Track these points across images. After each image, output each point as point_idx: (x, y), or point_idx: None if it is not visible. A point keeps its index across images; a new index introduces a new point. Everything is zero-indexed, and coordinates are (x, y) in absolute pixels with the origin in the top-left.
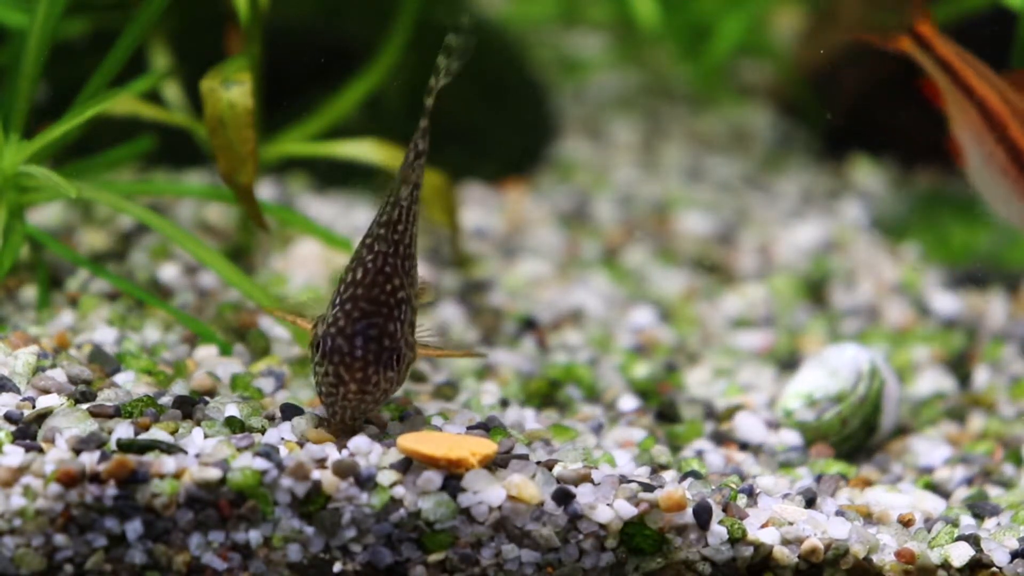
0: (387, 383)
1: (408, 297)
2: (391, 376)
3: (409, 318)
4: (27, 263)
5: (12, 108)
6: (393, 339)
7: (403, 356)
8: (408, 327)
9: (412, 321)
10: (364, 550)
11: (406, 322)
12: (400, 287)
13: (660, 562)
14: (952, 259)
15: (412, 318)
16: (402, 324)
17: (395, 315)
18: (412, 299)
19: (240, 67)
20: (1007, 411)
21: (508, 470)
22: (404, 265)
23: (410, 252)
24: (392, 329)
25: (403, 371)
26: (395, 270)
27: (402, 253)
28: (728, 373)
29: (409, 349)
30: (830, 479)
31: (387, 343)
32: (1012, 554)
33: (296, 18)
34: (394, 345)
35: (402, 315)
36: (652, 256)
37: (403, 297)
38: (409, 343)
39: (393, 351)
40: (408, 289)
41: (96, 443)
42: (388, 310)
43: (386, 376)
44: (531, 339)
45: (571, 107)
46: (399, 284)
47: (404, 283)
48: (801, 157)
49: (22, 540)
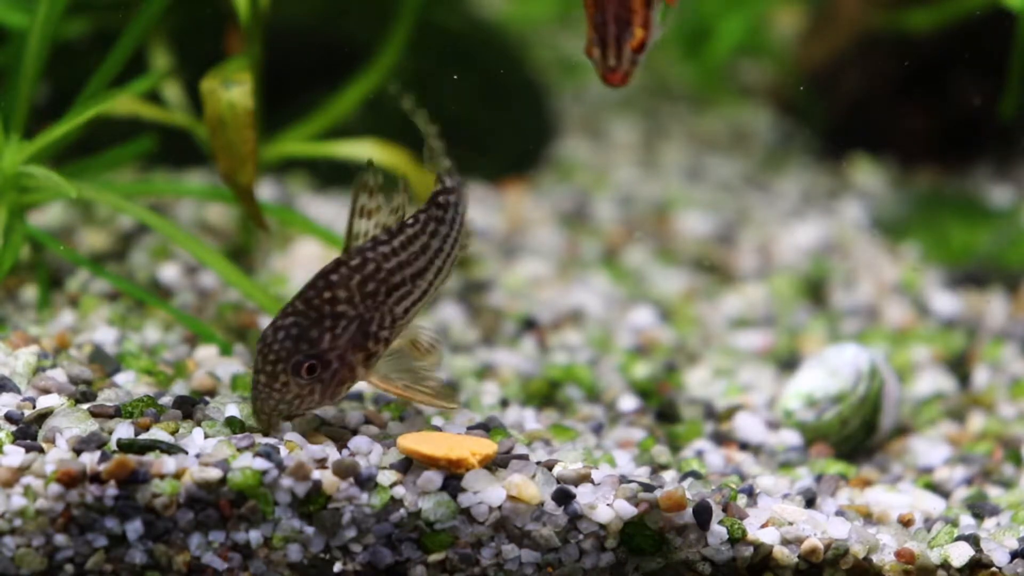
0: (299, 389)
1: (363, 320)
2: (303, 384)
3: (361, 342)
4: (27, 263)
5: (12, 108)
6: (313, 346)
7: (329, 370)
8: (357, 350)
9: (369, 349)
10: (364, 550)
11: (345, 339)
12: (344, 301)
13: (660, 562)
14: (952, 259)
15: (370, 346)
16: (336, 338)
17: (326, 325)
18: (378, 328)
19: (240, 67)
20: (1007, 411)
21: (508, 470)
22: (371, 288)
23: (394, 283)
24: (315, 336)
25: (330, 388)
26: (343, 282)
27: (370, 274)
28: (728, 373)
29: (348, 370)
30: (830, 479)
31: (303, 347)
32: (1012, 554)
33: (296, 18)
34: (312, 352)
35: (339, 330)
36: (652, 256)
37: (345, 312)
38: (348, 363)
39: (310, 358)
40: (370, 314)
41: (96, 443)
42: (318, 316)
43: (296, 381)
44: (531, 339)
45: (571, 107)
46: (344, 297)
47: (356, 302)
48: (801, 157)
49: (23, 540)
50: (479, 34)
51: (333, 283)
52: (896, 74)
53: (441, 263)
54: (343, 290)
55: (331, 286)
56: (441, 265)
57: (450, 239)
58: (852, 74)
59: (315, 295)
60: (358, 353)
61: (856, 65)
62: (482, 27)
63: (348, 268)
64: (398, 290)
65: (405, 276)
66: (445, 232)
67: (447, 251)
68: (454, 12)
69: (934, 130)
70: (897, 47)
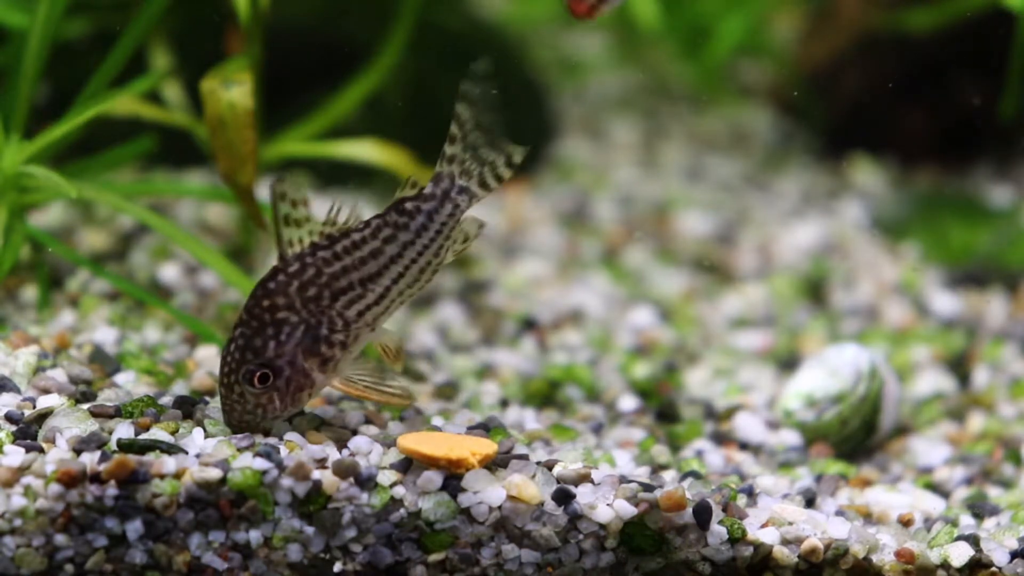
0: (256, 399)
1: (309, 325)
2: (258, 393)
3: (312, 347)
4: (27, 263)
5: (12, 108)
6: (257, 355)
7: (281, 378)
8: (309, 355)
9: (323, 354)
10: (364, 550)
11: (291, 345)
12: (284, 307)
13: (660, 562)
14: (952, 259)
15: (324, 350)
16: (280, 344)
17: (268, 333)
18: (330, 332)
19: (240, 67)
20: (1007, 411)
21: (508, 470)
22: (312, 293)
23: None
24: (259, 345)
25: (289, 395)
26: (281, 288)
27: (309, 279)
28: (728, 373)
29: (302, 376)
30: (830, 479)
31: (249, 357)
32: (1012, 554)
33: (296, 18)
34: (259, 361)
35: (283, 336)
36: (652, 256)
37: (287, 319)
38: (301, 369)
39: (258, 367)
40: (316, 319)
41: (97, 443)
42: (260, 325)
43: (250, 391)
44: (531, 339)
45: (571, 107)
46: (284, 304)
47: (297, 307)
48: (801, 157)
49: (23, 540)
50: (479, 34)
51: (271, 291)
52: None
53: (402, 269)
54: (281, 297)
55: (269, 294)
56: (402, 271)
57: (415, 246)
58: (852, 74)
59: (255, 304)
60: (311, 359)
61: (856, 65)
62: (482, 27)
63: (285, 275)
64: (345, 294)
65: (353, 280)
66: (407, 239)
67: (411, 257)
68: (454, 12)
69: (934, 130)
70: (897, 47)
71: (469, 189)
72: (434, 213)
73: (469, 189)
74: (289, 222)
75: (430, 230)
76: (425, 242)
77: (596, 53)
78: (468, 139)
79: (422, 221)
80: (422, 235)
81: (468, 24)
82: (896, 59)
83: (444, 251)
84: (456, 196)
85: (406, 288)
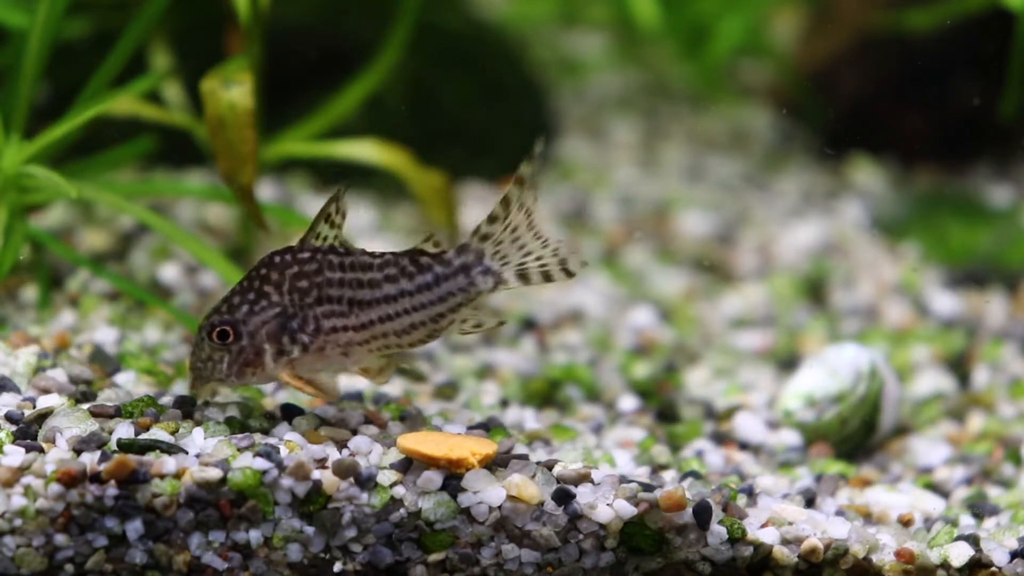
0: (210, 351)
1: (286, 311)
2: (213, 348)
3: (277, 334)
4: (27, 263)
5: (13, 108)
6: (230, 312)
7: (237, 343)
8: (271, 340)
9: (283, 345)
10: (364, 550)
11: (260, 319)
12: (273, 283)
13: (660, 562)
14: (952, 259)
15: (285, 342)
16: (252, 313)
17: (249, 297)
18: (299, 329)
19: (240, 67)
20: (1007, 411)
21: (508, 470)
22: (303, 285)
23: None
24: (235, 303)
25: (236, 364)
26: (282, 266)
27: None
28: (728, 373)
29: (255, 353)
30: (830, 479)
31: (223, 310)
32: (1011, 554)
33: (296, 18)
34: (225, 319)
35: (258, 308)
36: (652, 256)
37: (270, 295)
38: (257, 346)
39: (222, 323)
40: (294, 310)
41: (97, 443)
42: (246, 288)
43: (208, 343)
44: (531, 339)
45: (571, 107)
46: (275, 280)
47: (284, 290)
48: (801, 157)
49: (23, 540)
50: (479, 34)
51: (272, 263)
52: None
53: (392, 312)
54: (276, 273)
55: (269, 265)
56: (391, 314)
57: (412, 299)
58: (852, 74)
59: (256, 268)
60: (271, 343)
61: (856, 65)
62: (482, 27)
63: (292, 256)
64: (331, 303)
65: (344, 296)
66: (407, 288)
67: (404, 307)
68: (454, 12)
69: (934, 130)
70: (897, 47)
71: (499, 274)
72: (443, 279)
73: (499, 274)
74: (328, 221)
75: (433, 292)
76: (424, 300)
77: (596, 53)
78: (510, 223)
79: (428, 280)
80: (423, 292)
81: (468, 24)
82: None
83: (446, 321)
84: (477, 275)
85: (392, 334)
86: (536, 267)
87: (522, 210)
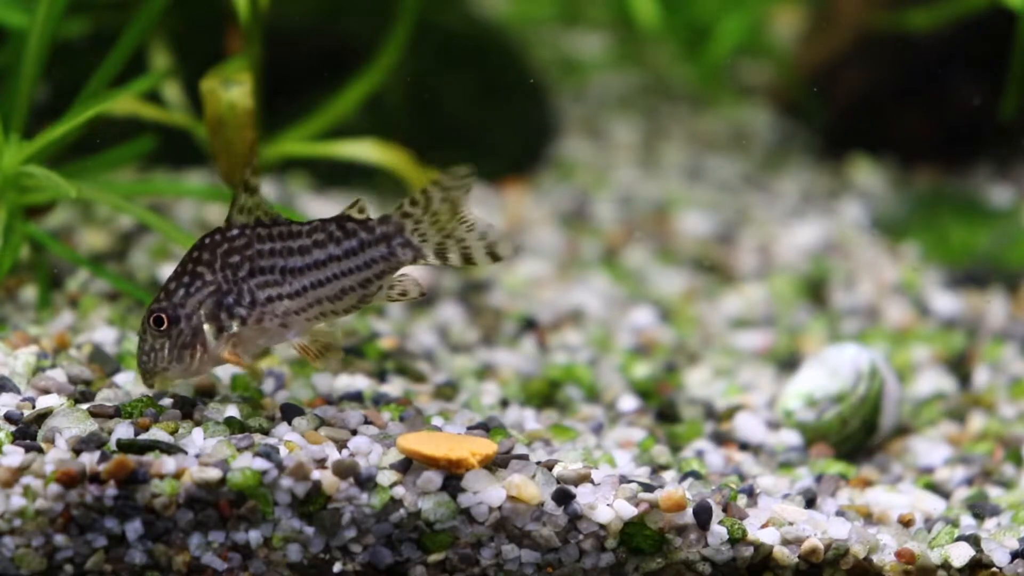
0: (152, 340)
1: (220, 289)
2: (155, 336)
3: (215, 313)
4: (27, 263)
5: (12, 108)
6: (167, 297)
7: (176, 328)
8: (210, 320)
9: (221, 322)
10: (364, 550)
11: (196, 300)
12: (205, 263)
13: (660, 562)
14: (952, 259)
15: (223, 319)
16: (188, 296)
17: (184, 280)
18: (235, 304)
19: (240, 67)
20: (1007, 411)
21: (508, 470)
22: (234, 260)
23: (261, 266)
24: (171, 288)
25: (177, 349)
26: (212, 246)
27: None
28: (728, 373)
29: (194, 335)
30: (830, 479)
31: (160, 297)
32: (1012, 554)
33: (296, 18)
34: (162, 305)
35: (193, 289)
36: (652, 256)
37: (203, 275)
38: (196, 328)
39: (159, 310)
40: (228, 286)
41: (96, 443)
42: (181, 272)
43: (150, 331)
44: (531, 339)
45: (571, 107)
46: (207, 260)
47: (216, 268)
48: (801, 157)
49: (22, 540)
50: (479, 34)
51: (204, 244)
52: (896, 74)
53: (323, 277)
54: (208, 253)
55: (200, 247)
56: (322, 280)
57: (340, 263)
58: (852, 74)
59: (188, 253)
60: (210, 322)
61: (856, 65)
62: (482, 27)
63: (221, 235)
64: (263, 275)
65: (276, 265)
66: (334, 253)
67: (334, 272)
68: (454, 12)
69: (934, 130)
70: (897, 47)
71: (419, 249)
72: (367, 245)
73: (419, 249)
74: (246, 188)
75: (359, 258)
76: (351, 266)
77: (596, 53)
78: (431, 209)
79: (353, 245)
80: (349, 258)
81: (468, 24)
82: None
83: (374, 287)
84: (397, 246)
85: (326, 300)
86: (457, 249)
87: (446, 202)
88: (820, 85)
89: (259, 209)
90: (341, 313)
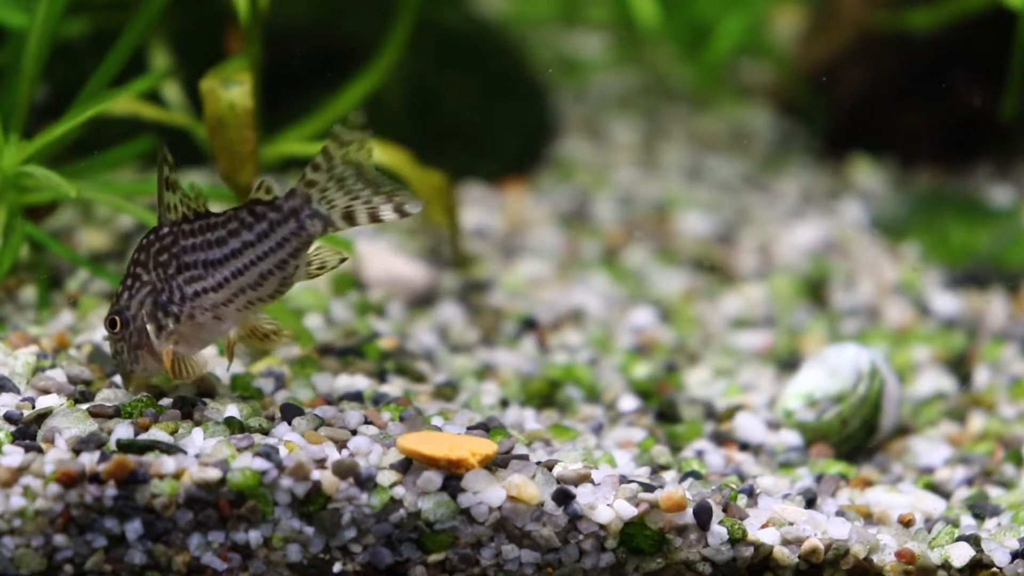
0: (114, 343)
1: (155, 288)
2: (114, 338)
3: (153, 312)
4: (27, 263)
5: (12, 108)
6: (116, 302)
7: (127, 330)
8: (151, 319)
9: (159, 320)
10: (364, 550)
11: (137, 300)
12: (141, 264)
13: (660, 562)
14: (952, 259)
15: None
16: (130, 297)
17: (127, 283)
18: (168, 302)
19: (240, 67)
20: (1007, 411)
21: (508, 470)
22: (163, 259)
23: (186, 261)
24: (119, 292)
25: (131, 350)
26: (147, 247)
27: (166, 245)
28: (728, 373)
29: (141, 335)
30: (830, 479)
31: (113, 302)
32: (1012, 554)
33: (296, 18)
34: (114, 309)
35: (134, 291)
36: (652, 256)
37: (140, 276)
38: (141, 329)
39: (112, 313)
40: (161, 285)
41: (96, 443)
42: (125, 275)
43: (111, 334)
44: (531, 339)
45: (571, 107)
46: (142, 261)
47: (150, 267)
48: (801, 157)
49: (22, 540)
50: (479, 33)
51: (141, 246)
52: (896, 74)
53: (241, 266)
54: (143, 254)
55: (139, 248)
56: (241, 268)
57: (255, 249)
58: (852, 74)
59: (131, 256)
60: (151, 322)
61: (856, 65)
62: (482, 26)
63: (155, 235)
64: (188, 270)
65: (198, 260)
66: (248, 239)
67: (250, 258)
68: (454, 11)
69: (934, 130)
70: (897, 47)
71: (327, 217)
72: (277, 225)
73: (327, 217)
74: (168, 186)
75: (271, 239)
76: (265, 249)
77: (596, 53)
78: (335, 172)
79: (264, 228)
80: (263, 241)
81: (468, 23)
82: (896, 59)
83: (291, 267)
84: (305, 218)
85: (248, 288)
86: (364, 209)
87: (350, 165)
88: (820, 85)
89: (185, 204)
90: (267, 299)
